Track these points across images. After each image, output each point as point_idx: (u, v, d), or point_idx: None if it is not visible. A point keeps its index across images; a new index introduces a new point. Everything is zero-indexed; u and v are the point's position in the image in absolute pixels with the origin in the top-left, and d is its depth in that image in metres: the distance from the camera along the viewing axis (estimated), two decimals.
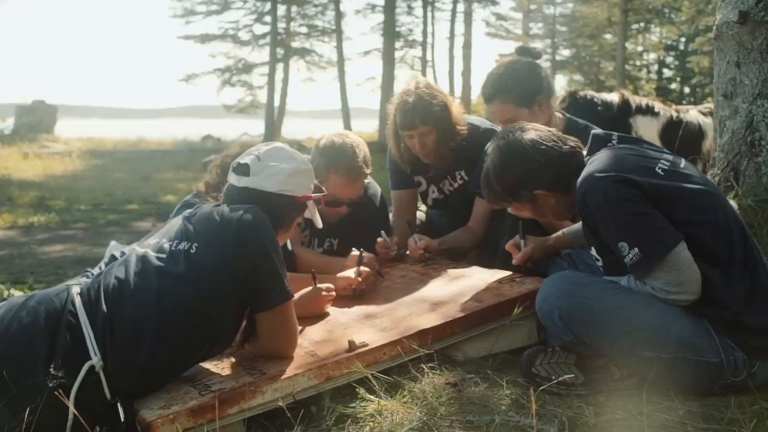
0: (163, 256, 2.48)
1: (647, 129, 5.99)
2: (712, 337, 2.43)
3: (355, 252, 3.50)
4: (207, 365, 2.62)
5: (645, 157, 2.63)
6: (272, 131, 28.34)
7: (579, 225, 3.24)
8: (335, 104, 30.66)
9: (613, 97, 6.11)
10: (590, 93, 6.14)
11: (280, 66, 31.80)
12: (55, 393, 2.17)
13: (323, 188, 2.92)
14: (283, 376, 2.45)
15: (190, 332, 2.40)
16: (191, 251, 2.46)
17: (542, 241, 3.20)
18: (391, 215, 4.25)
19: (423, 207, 4.49)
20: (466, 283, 3.21)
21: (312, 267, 3.58)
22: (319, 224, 2.92)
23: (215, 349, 2.56)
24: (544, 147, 2.69)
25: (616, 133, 2.83)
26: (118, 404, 2.29)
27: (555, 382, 2.44)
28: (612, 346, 2.48)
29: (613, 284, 2.56)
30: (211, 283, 2.41)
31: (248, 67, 33.20)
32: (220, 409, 2.32)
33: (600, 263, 2.68)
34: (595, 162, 2.60)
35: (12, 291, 5.17)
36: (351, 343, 2.61)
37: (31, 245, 7.80)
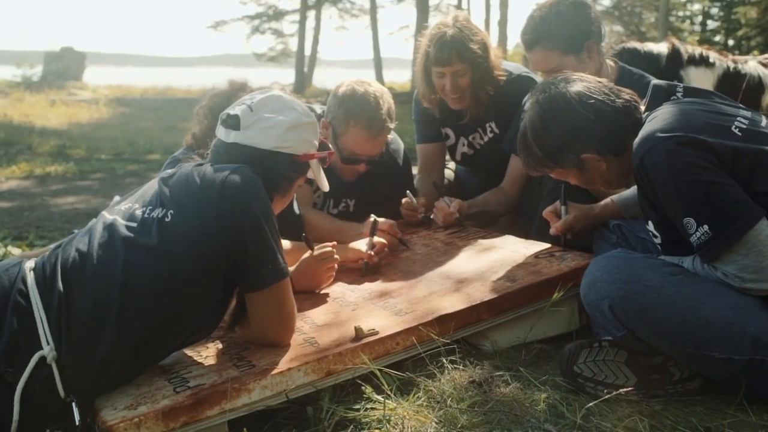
0: (134, 224, 2.07)
1: (701, 81, 5.43)
2: None
3: (373, 218, 3.07)
4: (189, 352, 2.24)
5: (718, 114, 2.15)
6: (303, 81, 27.78)
7: (632, 191, 2.78)
8: (368, 54, 29.93)
9: (662, 48, 5.55)
10: (634, 44, 5.59)
11: (311, 13, 31.02)
12: None
13: (329, 144, 2.48)
14: (275, 371, 2.05)
15: (162, 316, 2.00)
16: (165, 219, 2.05)
17: (587, 209, 2.74)
18: (415, 173, 3.81)
19: (451, 165, 4.04)
20: (496, 256, 2.77)
21: (323, 232, 3.19)
22: (325, 187, 2.50)
23: (196, 336, 2.17)
24: (593, 101, 2.22)
25: (681, 84, 2.36)
26: (73, 404, 1.91)
27: (607, 396, 2.00)
28: (673, 343, 2.03)
29: (675, 268, 2.11)
30: (188, 258, 2.01)
31: (279, 14, 32.51)
32: (197, 410, 1.95)
33: (658, 240, 2.23)
34: (657, 119, 2.14)
35: (10, 248, 4.83)
36: (358, 330, 2.20)
37: (44, 197, 7.50)
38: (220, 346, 2.28)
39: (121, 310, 1.95)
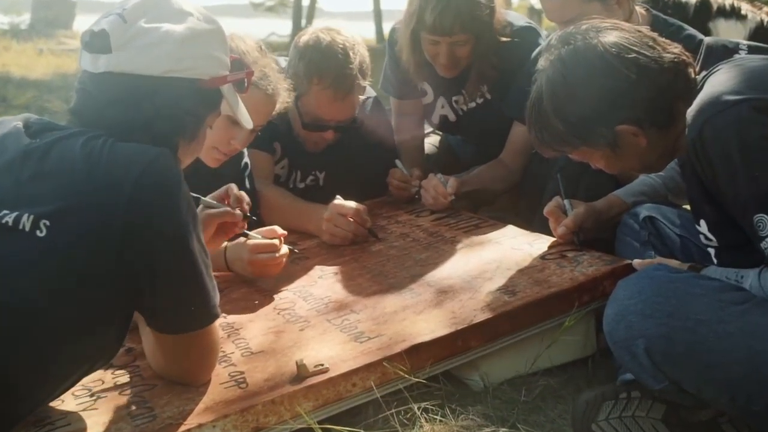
0: None
1: (731, 36, 4.81)
2: None
3: (338, 200, 2.48)
4: (77, 389, 1.66)
5: None
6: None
7: (644, 179, 2.21)
8: (370, 5, 28.96)
9: None
10: None
11: None
12: None
13: (245, 62, 1.85)
14: (181, 428, 1.49)
15: (15, 371, 1.41)
16: (37, 234, 1.42)
17: (589, 206, 2.16)
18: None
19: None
20: (493, 255, 2.17)
21: (282, 213, 2.63)
22: (248, 122, 1.84)
23: (85, 373, 1.59)
24: (633, 56, 1.61)
25: (744, 42, 1.79)
26: None
27: None
28: (734, 399, 1.45)
29: (737, 293, 1.52)
30: (66, 292, 1.42)
31: None
32: None
33: (713, 245, 1.65)
34: (720, 79, 1.57)
35: None
36: (300, 366, 1.62)
37: None
38: (121, 379, 1.71)
39: None
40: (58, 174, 1.47)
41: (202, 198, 2.05)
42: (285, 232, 2.18)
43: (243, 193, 2.12)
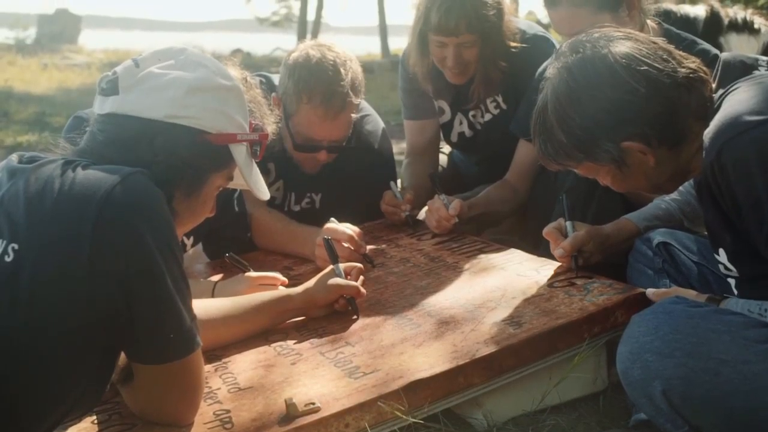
0: None
1: (743, 51, 4.73)
2: None
3: (332, 223, 2.38)
4: None
5: None
6: None
7: (658, 203, 2.09)
8: (375, 20, 28.83)
9: (699, 11, 4.84)
10: (668, 5, 4.86)
11: None
12: None
13: (264, 126, 1.77)
14: None
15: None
16: (5, 259, 1.35)
17: (595, 229, 2.04)
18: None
19: (446, 147, 3.31)
20: (497, 282, 2.06)
21: (274, 237, 2.57)
22: (265, 195, 1.80)
23: (67, 417, 1.49)
24: (645, 68, 1.52)
25: (764, 57, 1.69)
26: None
27: None
28: None
29: (760, 326, 1.41)
30: (41, 325, 1.33)
31: None
32: None
33: (732, 275, 1.54)
34: (738, 99, 1.47)
35: None
36: (289, 406, 1.51)
37: None
38: (98, 418, 1.60)
39: None
40: (31, 197, 1.40)
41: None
42: (285, 280, 2.12)
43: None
